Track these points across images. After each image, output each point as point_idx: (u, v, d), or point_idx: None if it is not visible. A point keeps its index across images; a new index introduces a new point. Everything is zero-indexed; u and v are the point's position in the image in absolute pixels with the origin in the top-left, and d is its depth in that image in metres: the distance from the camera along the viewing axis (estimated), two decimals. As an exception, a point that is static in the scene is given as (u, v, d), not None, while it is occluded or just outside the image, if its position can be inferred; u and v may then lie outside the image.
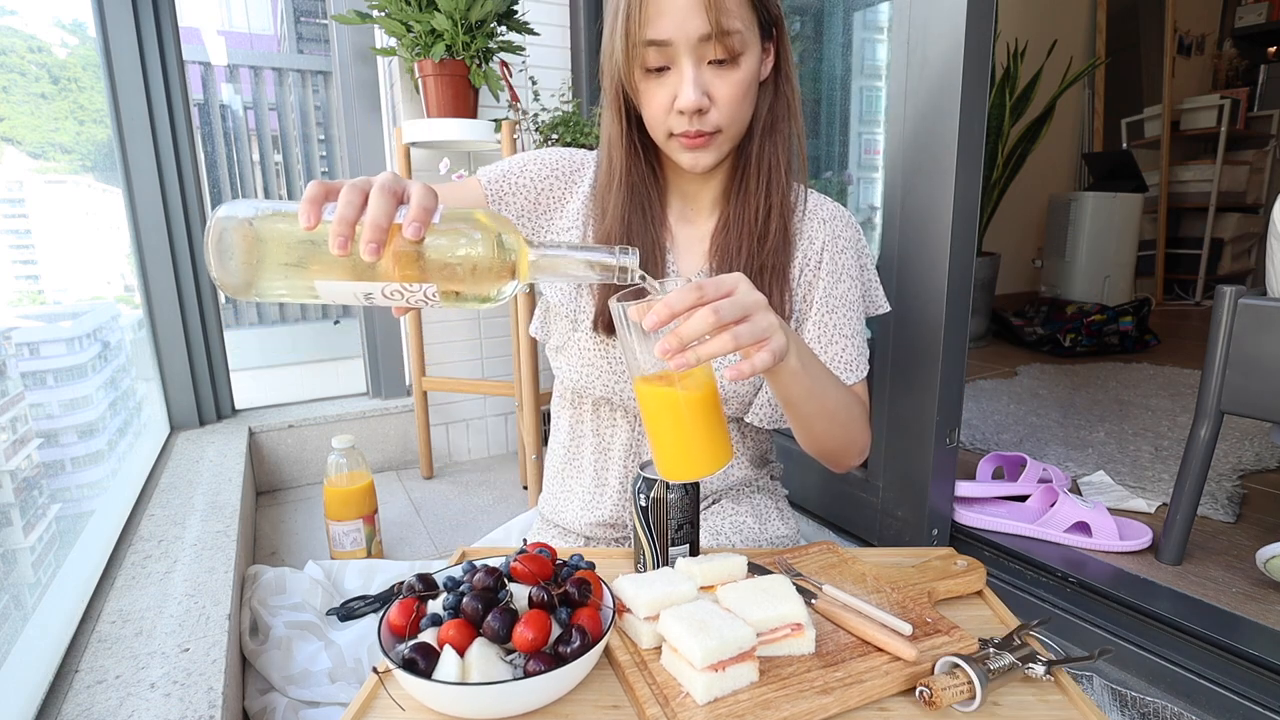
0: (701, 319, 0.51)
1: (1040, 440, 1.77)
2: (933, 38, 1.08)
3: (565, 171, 0.83)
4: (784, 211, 0.78)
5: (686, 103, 0.68)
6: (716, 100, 0.70)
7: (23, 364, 1.18)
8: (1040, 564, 1.15)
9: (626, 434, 0.86)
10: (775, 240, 0.78)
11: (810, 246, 0.82)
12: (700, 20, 0.66)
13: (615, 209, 0.78)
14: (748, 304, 0.53)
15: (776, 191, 0.77)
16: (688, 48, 0.67)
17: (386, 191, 0.48)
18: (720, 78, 0.69)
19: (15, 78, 1.34)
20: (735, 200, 0.79)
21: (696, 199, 0.83)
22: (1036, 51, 2.86)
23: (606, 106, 0.77)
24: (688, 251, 0.83)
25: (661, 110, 0.72)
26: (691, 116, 0.70)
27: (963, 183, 1.08)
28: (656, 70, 0.70)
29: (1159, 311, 3.55)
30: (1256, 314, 0.98)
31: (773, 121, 0.77)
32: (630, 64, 0.70)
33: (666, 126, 0.73)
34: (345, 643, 1.11)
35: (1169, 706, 0.92)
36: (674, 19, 0.66)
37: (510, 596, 0.55)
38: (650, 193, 0.80)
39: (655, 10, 0.66)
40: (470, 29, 1.64)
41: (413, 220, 0.48)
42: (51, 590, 0.96)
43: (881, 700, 0.53)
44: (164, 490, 1.45)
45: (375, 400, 2.13)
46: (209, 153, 2.90)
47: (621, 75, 0.72)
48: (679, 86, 0.69)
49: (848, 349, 0.81)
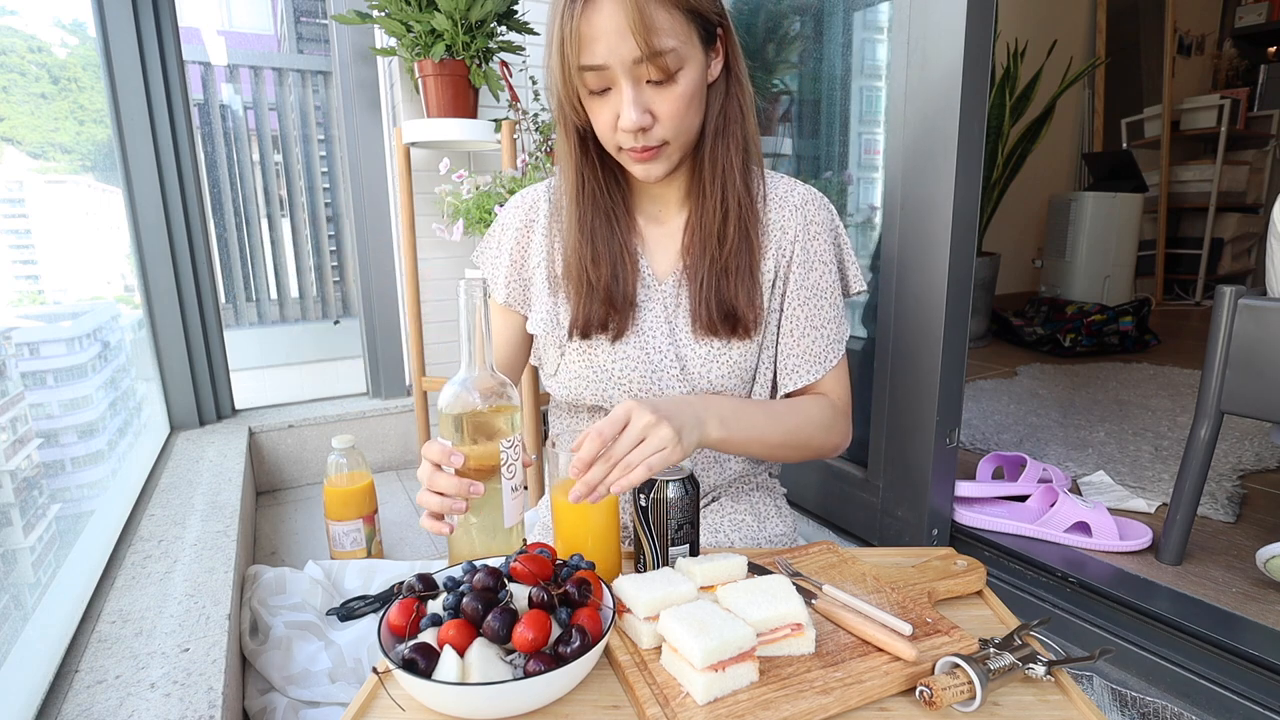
0: (599, 470, 0.62)
1: (1040, 440, 1.77)
2: (933, 38, 1.08)
3: (521, 216, 0.87)
4: (741, 213, 0.79)
5: (627, 123, 0.70)
6: (659, 116, 0.71)
7: (23, 364, 1.18)
8: (1040, 564, 1.15)
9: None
10: (734, 243, 0.79)
11: (783, 237, 0.82)
12: (630, 44, 0.66)
13: (577, 222, 0.80)
14: (635, 433, 0.62)
15: (732, 193, 0.78)
16: (623, 70, 0.68)
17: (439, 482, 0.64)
18: (660, 95, 0.70)
19: (15, 78, 1.34)
20: (695, 203, 0.81)
21: (663, 199, 0.84)
22: (1036, 51, 2.86)
23: (557, 127, 0.79)
24: (659, 250, 0.84)
25: (608, 128, 0.73)
26: (636, 134, 0.71)
27: (963, 183, 1.08)
28: (599, 91, 0.71)
29: (1159, 311, 3.55)
30: (1256, 314, 0.98)
31: (724, 123, 0.77)
32: (570, 88, 0.72)
33: (615, 142, 0.74)
34: (345, 643, 1.11)
35: (1169, 706, 0.92)
36: (606, 44, 0.67)
37: (510, 596, 0.55)
38: (614, 199, 0.81)
39: (588, 37, 0.67)
40: (470, 29, 1.64)
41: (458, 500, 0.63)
42: (51, 590, 0.96)
43: (881, 700, 0.53)
44: (164, 490, 1.45)
45: (375, 400, 2.13)
46: (209, 153, 2.90)
47: (563, 99, 0.73)
48: (620, 107, 0.70)
49: (818, 340, 0.82)
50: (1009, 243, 3.59)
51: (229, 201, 2.99)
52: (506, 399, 0.67)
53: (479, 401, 0.66)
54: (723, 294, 0.79)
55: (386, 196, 2.06)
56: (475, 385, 0.66)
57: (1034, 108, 2.74)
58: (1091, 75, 3.82)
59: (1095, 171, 3.76)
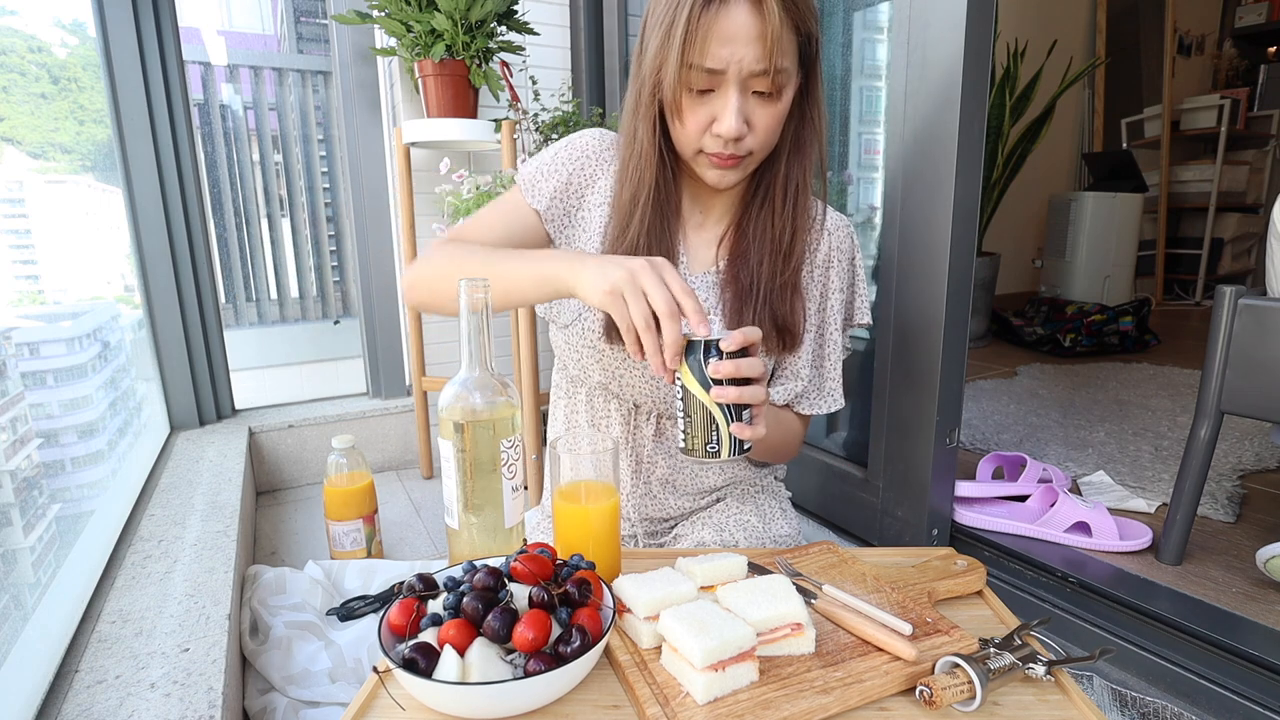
0: (751, 365, 0.62)
1: (1040, 440, 1.77)
2: (933, 38, 1.08)
3: (596, 152, 0.84)
4: (804, 232, 0.80)
5: (728, 130, 0.69)
6: (755, 128, 0.71)
7: (23, 364, 1.18)
8: (1040, 564, 1.15)
9: (620, 427, 0.86)
10: (798, 259, 0.80)
11: (815, 258, 0.84)
12: (758, 56, 0.66)
13: (642, 219, 0.78)
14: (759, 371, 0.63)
15: (802, 213, 0.79)
16: (738, 79, 0.68)
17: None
18: (762, 107, 0.71)
19: (15, 78, 1.34)
20: (757, 215, 0.80)
21: (709, 206, 0.85)
22: (1036, 51, 2.86)
23: (639, 116, 0.76)
24: (696, 254, 0.84)
25: (698, 129, 0.72)
26: (728, 141, 0.71)
27: (963, 183, 1.08)
28: (701, 91, 0.70)
29: (1159, 311, 3.55)
30: (1256, 314, 0.98)
31: (799, 144, 0.78)
32: (679, 83, 0.70)
33: (698, 144, 0.73)
34: (345, 643, 1.11)
35: (1169, 706, 0.92)
36: (733, 51, 0.66)
37: (510, 596, 0.55)
38: (670, 200, 0.81)
39: (717, 39, 0.66)
40: (470, 29, 1.64)
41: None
42: (51, 590, 0.96)
43: (881, 700, 0.53)
44: (164, 490, 1.45)
45: (375, 400, 2.13)
46: (209, 153, 2.90)
47: (668, 91, 0.71)
48: (720, 112, 0.70)
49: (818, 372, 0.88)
50: (1009, 243, 3.59)
51: (229, 201, 2.99)
52: (507, 399, 0.67)
53: (479, 401, 0.66)
54: (779, 308, 0.79)
55: (386, 196, 2.06)
56: (476, 385, 0.66)
57: (1034, 108, 2.74)
58: (1091, 75, 3.82)
59: (1095, 171, 3.76)
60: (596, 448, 0.67)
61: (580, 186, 0.84)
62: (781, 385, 0.85)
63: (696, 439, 0.64)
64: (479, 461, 0.66)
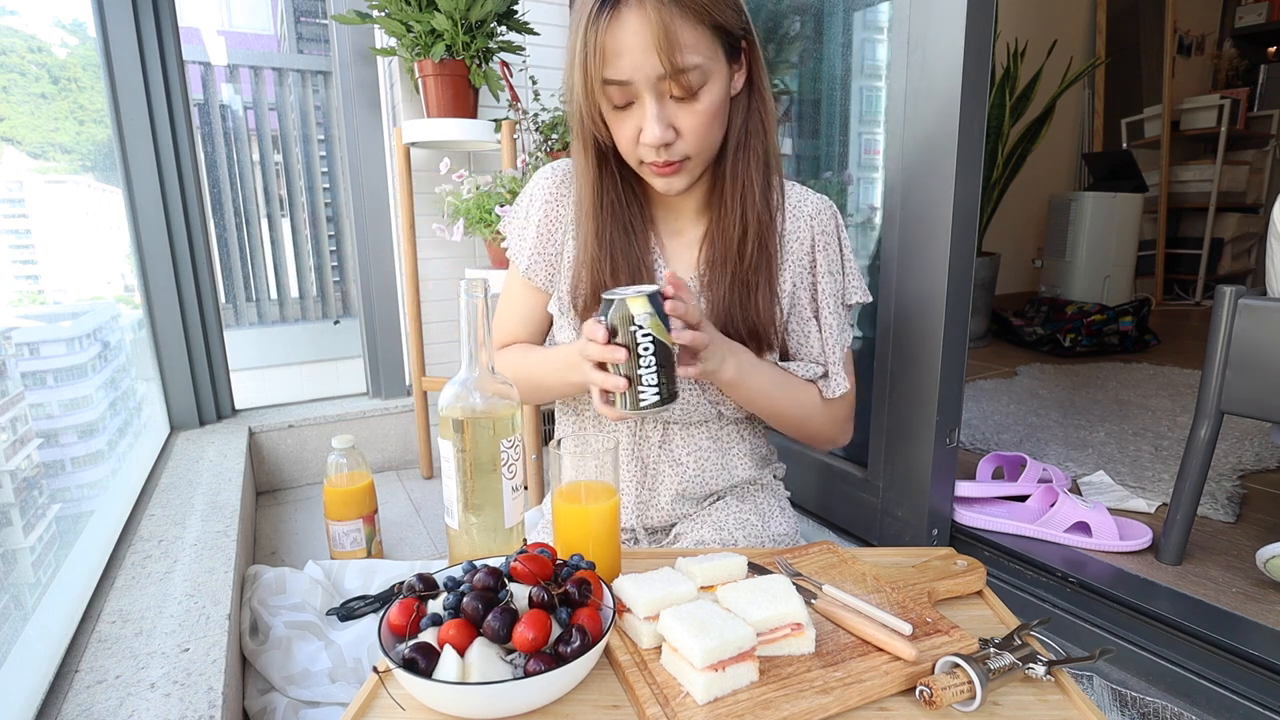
0: (691, 309, 0.67)
1: (1040, 440, 1.77)
2: (933, 38, 1.08)
3: (553, 188, 0.85)
4: (760, 229, 0.79)
5: (651, 138, 0.70)
6: (682, 132, 0.71)
7: (23, 364, 1.18)
8: (1040, 564, 1.15)
9: (627, 438, 0.86)
10: (753, 258, 0.79)
11: (800, 248, 0.83)
12: (654, 61, 0.66)
13: (593, 234, 0.79)
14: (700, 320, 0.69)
15: (751, 209, 0.78)
16: (647, 86, 0.68)
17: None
18: (684, 110, 0.70)
19: (15, 78, 1.34)
20: (715, 215, 0.80)
21: (680, 210, 0.84)
22: (1036, 51, 2.86)
23: (576, 139, 0.78)
24: (677, 260, 0.85)
25: (630, 142, 0.73)
26: (659, 149, 0.71)
27: (963, 183, 1.08)
28: (622, 105, 0.71)
29: (1159, 311, 3.55)
30: (1256, 314, 0.98)
31: (746, 137, 0.77)
32: (592, 102, 0.71)
33: (637, 156, 0.74)
34: (345, 643, 1.11)
35: (1169, 706, 0.92)
36: (630, 60, 0.67)
37: (510, 596, 0.55)
38: (633, 211, 0.81)
39: (612, 51, 0.67)
40: (470, 29, 1.64)
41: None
42: (51, 590, 0.96)
43: (881, 700, 0.53)
44: (164, 490, 1.45)
45: (375, 400, 2.13)
46: (209, 153, 2.90)
47: (584, 113, 0.73)
48: (643, 121, 0.70)
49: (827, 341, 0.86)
50: (1009, 243, 3.59)
51: (229, 201, 2.99)
52: (507, 399, 0.67)
53: (479, 401, 0.66)
54: (746, 310, 0.79)
55: (386, 196, 2.06)
56: (476, 385, 0.66)
57: (1034, 108, 2.74)
58: (1091, 75, 3.82)
59: (1095, 171, 3.76)
60: (597, 448, 0.67)
61: (552, 227, 0.85)
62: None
63: (664, 388, 0.66)
64: (479, 461, 0.66)
